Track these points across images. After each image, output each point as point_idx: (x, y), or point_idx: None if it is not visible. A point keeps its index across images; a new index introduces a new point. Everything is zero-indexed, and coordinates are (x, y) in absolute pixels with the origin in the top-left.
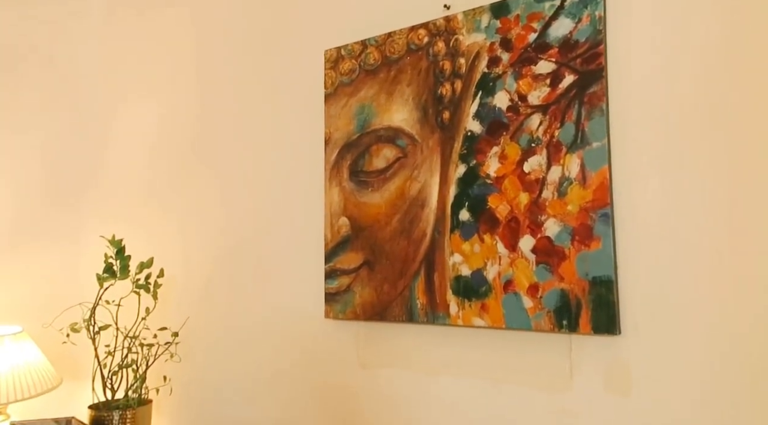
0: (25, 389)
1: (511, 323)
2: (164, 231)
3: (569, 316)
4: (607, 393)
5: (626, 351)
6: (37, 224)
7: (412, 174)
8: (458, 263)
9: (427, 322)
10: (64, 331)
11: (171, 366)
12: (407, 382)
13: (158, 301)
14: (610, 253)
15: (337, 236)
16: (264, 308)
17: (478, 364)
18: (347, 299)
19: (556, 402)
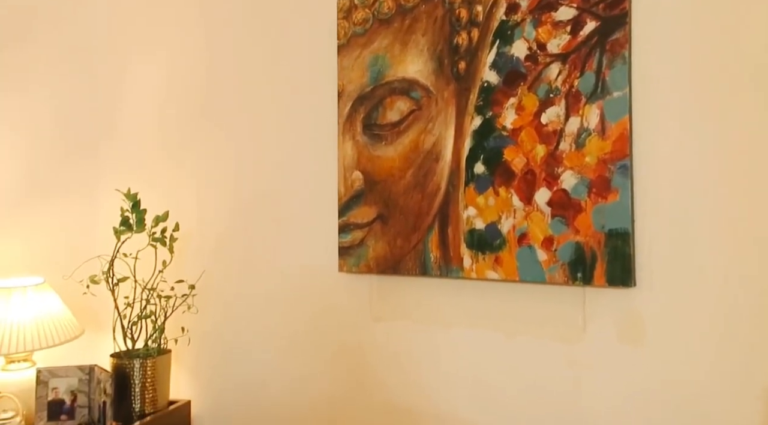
0: (49, 337)
1: (525, 276)
2: (179, 186)
3: (584, 269)
4: (620, 345)
5: (640, 303)
6: (54, 178)
7: (427, 127)
8: (472, 216)
9: (440, 276)
10: (84, 283)
11: (188, 318)
12: (420, 335)
13: (174, 255)
14: (627, 205)
15: (350, 191)
16: (278, 262)
17: (492, 317)
18: (360, 253)
19: (568, 353)
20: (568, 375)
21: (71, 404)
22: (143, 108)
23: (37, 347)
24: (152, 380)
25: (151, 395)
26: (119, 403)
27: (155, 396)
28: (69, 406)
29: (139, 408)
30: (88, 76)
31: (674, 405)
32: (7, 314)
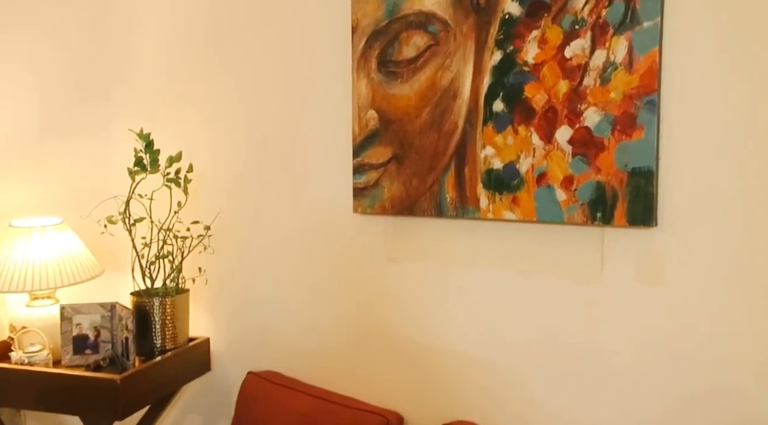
0: (71, 275)
1: (543, 216)
2: (191, 128)
3: (604, 208)
4: (638, 285)
5: (661, 243)
6: (67, 120)
7: (444, 63)
8: (490, 156)
9: (456, 216)
10: (101, 223)
11: (205, 258)
12: (435, 275)
13: (189, 196)
14: (652, 142)
15: (365, 130)
16: (292, 204)
17: (508, 257)
18: (375, 194)
19: (585, 293)
20: (584, 315)
21: (95, 339)
22: (153, 50)
23: (59, 284)
24: (172, 318)
25: (171, 332)
26: (141, 339)
27: (175, 333)
28: (93, 341)
29: (160, 344)
30: (98, 19)
31: (692, 345)
32: (29, 253)
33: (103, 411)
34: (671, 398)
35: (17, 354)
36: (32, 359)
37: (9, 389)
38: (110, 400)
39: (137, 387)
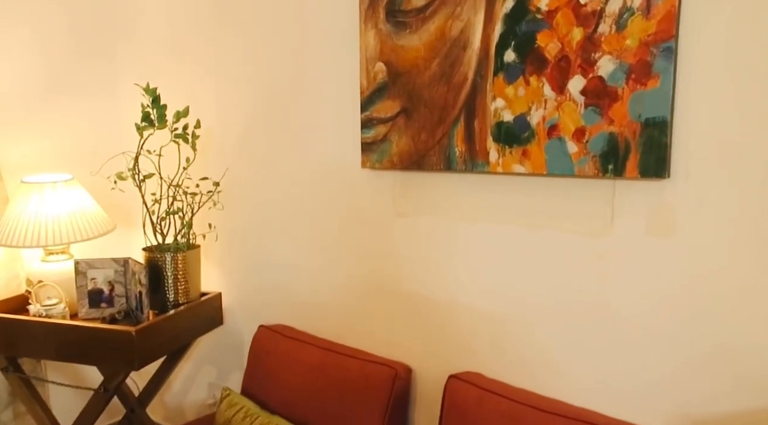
0: (83, 231)
1: (553, 169)
2: (197, 84)
3: (615, 160)
4: (649, 238)
5: (673, 195)
6: (75, 76)
7: (454, 12)
8: (500, 108)
9: (465, 170)
10: (111, 179)
11: (215, 214)
12: (444, 229)
13: (197, 152)
14: (668, 91)
15: (373, 84)
16: (300, 160)
17: (517, 211)
18: (384, 149)
19: (595, 247)
20: (593, 268)
21: (109, 293)
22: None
23: (72, 239)
24: (183, 273)
25: (184, 286)
26: (154, 294)
27: (187, 288)
28: (107, 295)
29: (173, 298)
30: None
31: (702, 298)
32: (42, 209)
33: (119, 362)
34: (681, 351)
35: (35, 307)
36: (50, 312)
37: (29, 340)
38: (126, 351)
39: (152, 339)
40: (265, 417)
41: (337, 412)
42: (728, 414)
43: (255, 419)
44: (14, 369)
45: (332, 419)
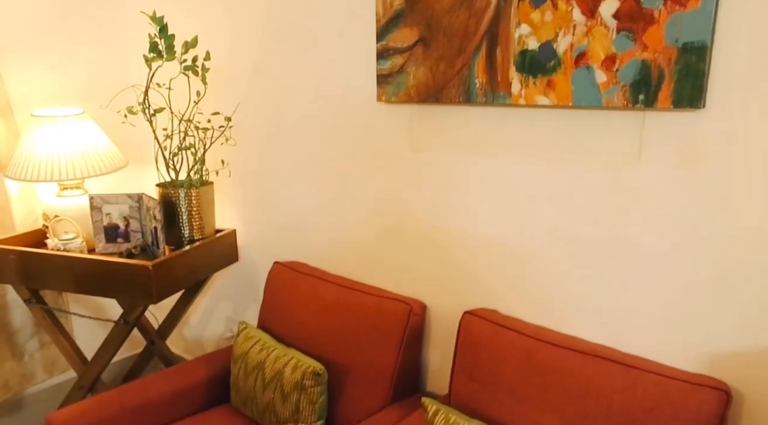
0: (97, 166)
1: (579, 100)
2: (208, 14)
3: (647, 90)
4: (677, 171)
5: (707, 126)
6: (81, 5)
7: None
8: (525, 35)
9: (485, 103)
10: (122, 113)
11: (227, 151)
12: (462, 165)
13: (208, 86)
14: (710, 12)
15: (389, 11)
16: (313, 94)
17: (539, 145)
18: (400, 81)
19: (619, 180)
20: (617, 202)
21: (125, 229)
22: None
23: (86, 174)
24: (198, 209)
25: (198, 223)
26: (169, 230)
27: (202, 224)
28: (123, 230)
29: (188, 234)
30: None
31: (730, 232)
32: (55, 143)
33: (138, 295)
34: (705, 286)
35: (53, 241)
36: (67, 246)
37: (49, 273)
38: (144, 285)
39: (169, 273)
40: (281, 349)
41: (352, 347)
42: (752, 348)
43: (272, 351)
44: (37, 300)
45: (347, 354)
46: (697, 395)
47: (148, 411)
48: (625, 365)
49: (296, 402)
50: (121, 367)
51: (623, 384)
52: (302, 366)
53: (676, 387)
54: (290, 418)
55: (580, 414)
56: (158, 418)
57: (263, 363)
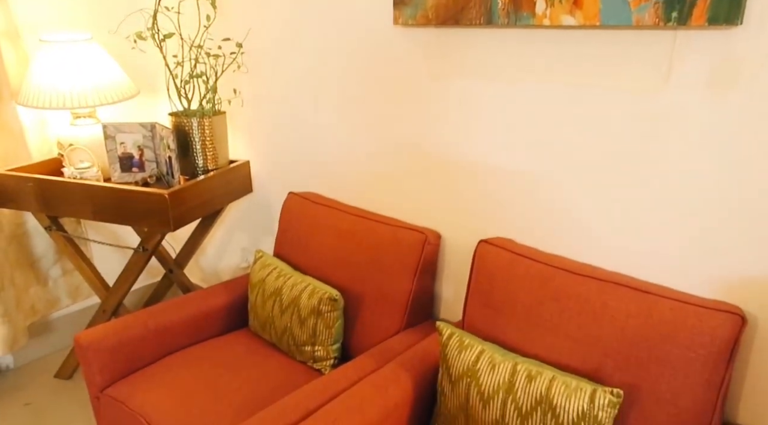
0: (108, 95)
1: (608, 19)
2: None
3: (681, 6)
4: (707, 94)
5: (741, 46)
6: None
7: None
8: None
9: (507, 25)
10: (131, 38)
11: (240, 79)
12: (481, 91)
13: (218, 11)
14: None
15: None
16: (328, 17)
17: (562, 69)
18: (418, 2)
19: (647, 104)
20: (642, 128)
21: (140, 158)
22: None
23: (98, 103)
24: (211, 138)
25: (212, 153)
26: (183, 160)
27: (216, 154)
28: (138, 160)
29: (202, 164)
30: None
31: (759, 159)
32: (65, 70)
33: (155, 223)
34: (730, 214)
35: (69, 170)
36: (83, 174)
37: (67, 200)
38: (161, 213)
39: (184, 202)
40: (298, 276)
41: (367, 275)
42: None
43: (288, 278)
44: (57, 228)
45: (362, 281)
46: (712, 319)
47: (170, 333)
48: (641, 291)
49: (313, 327)
50: (141, 295)
51: (638, 309)
52: (319, 292)
53: (691, 311)
54: (307, 341)
55: (593, 337)
56: (180, 339)
57: (280, 290)
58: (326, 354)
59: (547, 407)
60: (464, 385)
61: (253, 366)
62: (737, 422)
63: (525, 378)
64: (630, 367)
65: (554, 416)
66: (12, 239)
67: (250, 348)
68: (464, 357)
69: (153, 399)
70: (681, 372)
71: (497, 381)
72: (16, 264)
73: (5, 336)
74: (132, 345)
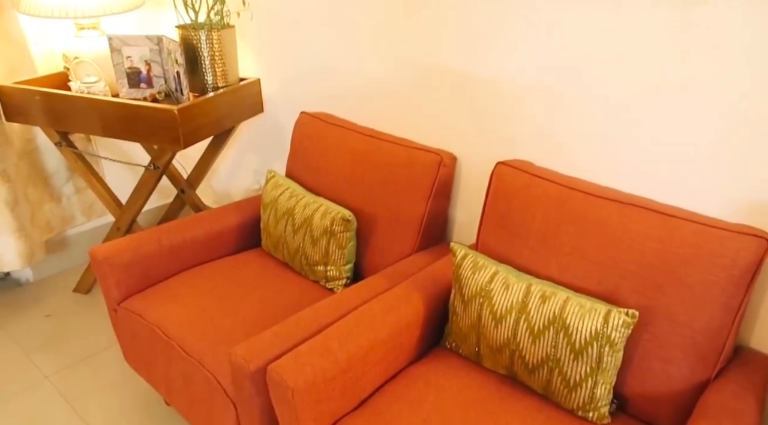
0: (112, 4)
1: None
2: None
3: None
4: (749, 7)
5: None
6: None
7: None
8: None
9: None
10: None
11: None
12: (499, 2)
13: None
14: None
15: None
16: None
17: None
18: None
19: (681, 14)
20: (674, 41)
21: (147, 73)
22: None
23: (101, 13)
24: (220, 54)
25: (221, 69)
26: (192, 76)
27: (225, 71)
28: (146, 75)
29: (211, 81)
30: None
31: None
32: None
33: (165, 140)
34: (760, 132)
35: (76, 84)
36: (90, 88)
37: (75, 115)
38: (171, 130)
39: (194, 119)
40: (310, 197)
41: (380, 197)
42: None
43: (301, 199)
44: (67, 144)
45: (375, 203)
46: (735, 242)
47: (184, 251)
48: (664, 214)
49: (325, 247)
50: (154, 215)
51: (660, 232)
52: (331, 212)
53: (714, 235)
54: (320, 261)
55: (611, 260)
56: (193, 258)
57: (293, 210)
58: (339, 274)
59: (560, 326)
60: (477, 305)
61: (266, 284)
62: (749, 345)
63: (539, 298)
64: (647, 290)
65: (567, 335)
66: (23, 155)
67: (263, 267)
68: (478, 278)
69: (168, 312)
70: (699, 295)
71: (510, 301)
72: (29, 180)
73: (22, 250)
74: (146, 261)
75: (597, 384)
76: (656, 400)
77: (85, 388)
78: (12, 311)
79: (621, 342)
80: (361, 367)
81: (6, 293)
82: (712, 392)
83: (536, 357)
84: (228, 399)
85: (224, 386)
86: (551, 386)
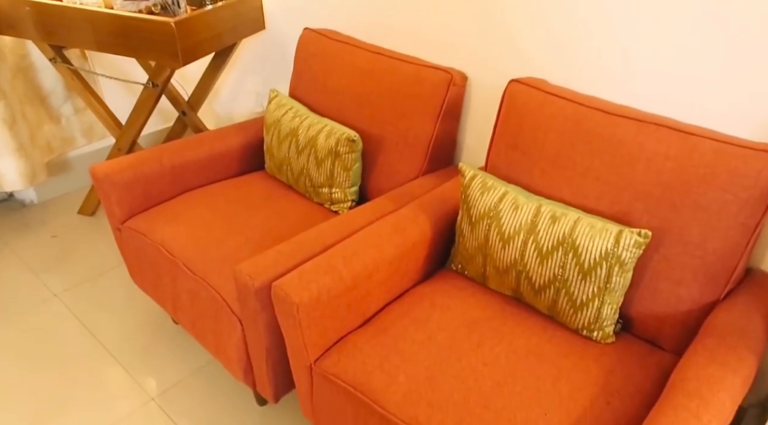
0: None
1: None
2: None
3: None
4: None
5: None
6: None
7: None
8: None
9: None
10: None
11: None
12: None
13: None
14: None
15: None
16: None
17: None
18: None
19: None
20: None
21: None
22: None
23: None
24: None
25: None
26: None
27: None
28: None
29: None
30: None
31: None
32: None
33: (163, 56)
34: None
35: None
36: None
37: (68, 28)
38: (168, 45)
39: (192, 34)
40: (314, 117)
41: (387, 117)
42: None
43: (304, 119)
44: (62, 60)
45: (382, 123)
46: (758, 161)
47: (186, 171)
48: (683, 132)
49: (330, 168)
50: (156, 139)
51: (678, 151)
52: (336, 133)
53: (736, 153)
54: (325, 183)
55: (625, 180)
56: (195, 178)
57: (296, 130)
58: (343, 197)
59: (569, 247)
60: (484, 226)
61: (270, 206)
62: (761, 268)
63: (548, 219)
64: (660, 210)
65: (576, 255)
66: (17, 72)
67: (266, 188)
68: (486, 199)
69: (172, 231)
70: (715, 215)
71: (519, 221)
72: (25, 98)
73: (23, 170)
74: (148, 180)
75: (603, 304)
76: (662, 320)
77: (95, 306)
78: (18, 232)
79: (631, 262)
80: (366, 286)
81: (11, 214)
82: (720, 311)
83: (543, 277)
84: (234, 316)
85: (229, 303)
86: (557, 306)
